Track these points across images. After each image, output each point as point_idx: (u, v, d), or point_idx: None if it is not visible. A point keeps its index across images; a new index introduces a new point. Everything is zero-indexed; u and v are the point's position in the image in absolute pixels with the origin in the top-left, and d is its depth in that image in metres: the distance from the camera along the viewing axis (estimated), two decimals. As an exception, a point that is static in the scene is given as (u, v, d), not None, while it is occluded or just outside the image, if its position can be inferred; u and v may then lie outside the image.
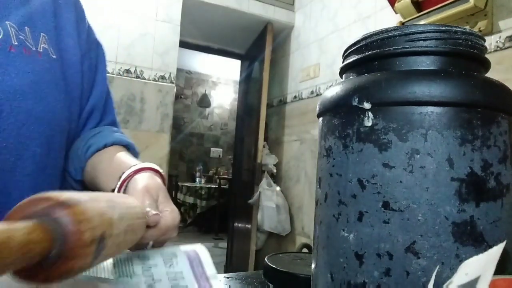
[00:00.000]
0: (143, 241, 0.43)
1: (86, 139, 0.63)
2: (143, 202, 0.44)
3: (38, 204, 0.23)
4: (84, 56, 0.65)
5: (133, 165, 0.51)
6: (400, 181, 0.30)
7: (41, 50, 0.55)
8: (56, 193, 0.24)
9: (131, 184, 0.48)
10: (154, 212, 0.44)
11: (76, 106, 0.63)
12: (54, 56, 0.58)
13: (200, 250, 0.45)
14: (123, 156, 0.58)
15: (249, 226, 2.73)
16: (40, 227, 0.21)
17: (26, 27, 0.54)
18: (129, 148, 0.64)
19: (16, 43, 0.52)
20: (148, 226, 0.42)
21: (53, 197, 0.23)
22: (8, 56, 0.50)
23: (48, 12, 0.59)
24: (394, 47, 0.33)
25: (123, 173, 0.50)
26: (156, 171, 0.52)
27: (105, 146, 0.61)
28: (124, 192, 0.49)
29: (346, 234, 0.32)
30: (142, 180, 0.48)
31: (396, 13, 1.76)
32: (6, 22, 0.52)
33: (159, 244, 0.46)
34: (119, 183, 0.49)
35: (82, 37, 0.65)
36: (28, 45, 0.54)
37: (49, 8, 0.59)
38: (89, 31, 0.68)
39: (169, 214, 0.46)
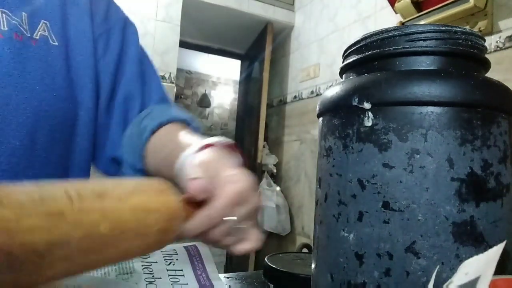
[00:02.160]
0: (191, 233, 0.32)
1: (138, 122, 0.56)
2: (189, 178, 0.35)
3: None
4: (99, 37, 0.59)
5: (190, 147, 0.42)
6: (400, 181, 0.30)
7: (38, 37, 0.52)
8: None
9: (185, 169, 0.40)
10: (192, 176, 0.34)
11: (88, 92, 0.57)
12: (56, 43, 0.54)
13: (201, 247, 0.45)
14: (182, 137, 0.49)
15: (249, 226, 2.73)
16: None
17: (23, 13, 0.51)
18: (188, 124, 0.56)
19: (6, 29, 0.48)
20: (197, 203, 0.34)
21: None
22: None
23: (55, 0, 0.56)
24: (394, 47, 0.33)
25: (181, 156, 0.42)
26: (225, 145, 0.43)
27: (160, 125, 0.53)
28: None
29: (346, 234, 0.32)
30: (200, 158, 0.39)
31: (396, 13, 1.76)
32: None
33: (244, 220, 0.35)
34: (178, 167, 0.42)
35: (96, 19, 0.60)
36: (21, 30, 0.50)
37: None
38: (109, 11, 0.63)
39: (228, 183, 0.34)
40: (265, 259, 0.59)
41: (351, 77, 0.36)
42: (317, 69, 2.51)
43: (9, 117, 0.47)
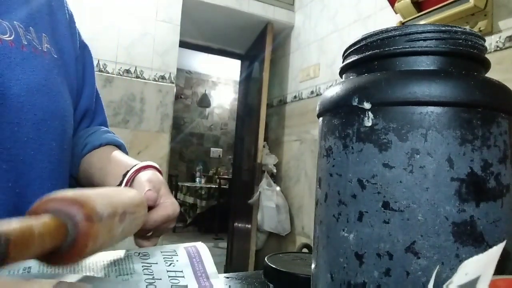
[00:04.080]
0: (145, 227, 0.46)
1: (83, 137, 0.66)
2: (145, 189, 0.49)
3: (53, 202, 0.27)
4: (77, 58, 0.67)
5: (135, 164, 0.56)
6: (400, 181, 0.30)
7: (45, 50, 0.57)
8: (68, 191, 0.28)
9: (136, 180, 0.53)
10: (149, 188, 0.48)
11: (73, 103, 0.65)
12: (56, 56, 0.60)
13: (201, 247, 0.45)
14: (121, 156, 0.62)
15: (249, 226, 2.73)
16: (56, 221, 0.25)
17: (30, 27, 0.56)
18: (121, 148, 0.68)
19: (26, 43, 0.53)
20: (149, 208, 0.46)
21: (66, 196, 0.27)
22: (22, 55, 0.52)
23: (45, 13, 0.60)
24: (394, 47, 0.33)
25: (128, 171, 0.54)
26: (157, 168, 0.57)
27: (100, 145, 0.64)
28: (130, 187, 0.53)
29: (346, 234, 0.32)
30: (146, 175, 0.53)
31: (396, 13, 1.76)
32: (15, 22, 0.53)
33: (157, 233, 0.51)
34: (125, 180, 0.53)
35: (74, 38, 0.67)
36: (35, 45, 0.55)
37: (44, 9, 0.61)
38: (78, 33, 0.71)
39: (170, 204, 0.50)
40: (265, 259, 0.59)
41: (351, 77, 0.36)
42: (317, 69, 2.51)
43: (48, 122, 0.55)
